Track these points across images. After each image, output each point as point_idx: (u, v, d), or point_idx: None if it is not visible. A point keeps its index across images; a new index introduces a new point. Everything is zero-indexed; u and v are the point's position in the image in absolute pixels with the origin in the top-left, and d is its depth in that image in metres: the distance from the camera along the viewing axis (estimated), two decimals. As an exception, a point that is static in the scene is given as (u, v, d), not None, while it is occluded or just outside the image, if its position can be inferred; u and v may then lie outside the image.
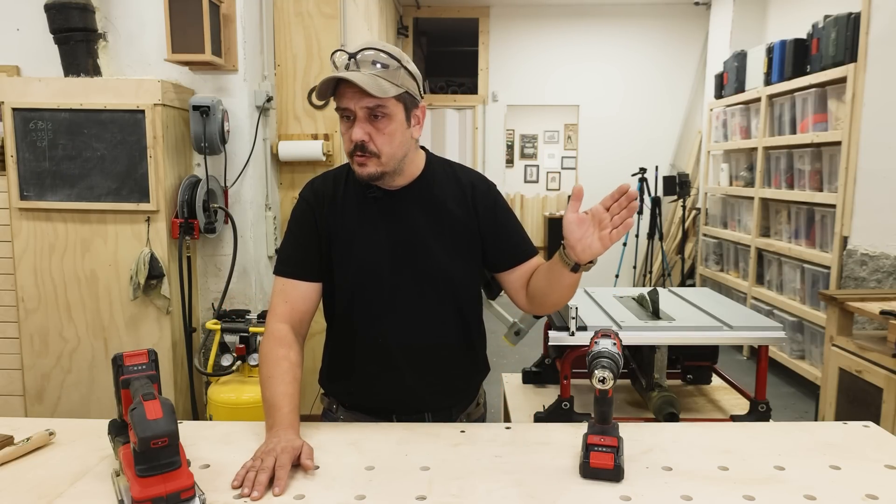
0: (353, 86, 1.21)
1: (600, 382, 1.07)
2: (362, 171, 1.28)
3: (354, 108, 1.24)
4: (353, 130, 1.25)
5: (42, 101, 2.50)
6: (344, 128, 1.28)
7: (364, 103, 1.23)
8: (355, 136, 1.25)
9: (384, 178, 1.30)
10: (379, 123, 1.25)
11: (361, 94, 1.21)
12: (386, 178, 1.30)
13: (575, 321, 1.59)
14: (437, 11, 6.42)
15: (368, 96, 1.21)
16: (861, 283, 3.24)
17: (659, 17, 6.29)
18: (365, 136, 1.24)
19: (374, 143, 1.25)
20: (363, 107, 1.23)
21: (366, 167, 1.27)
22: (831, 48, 3.59)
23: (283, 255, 1.39)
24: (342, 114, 1.27)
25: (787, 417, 3.61)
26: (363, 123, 1.24)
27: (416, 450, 1.18)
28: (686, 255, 5.91)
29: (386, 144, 1.26)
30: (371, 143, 1.25)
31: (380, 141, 1.25)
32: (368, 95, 1.21)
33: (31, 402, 2.66)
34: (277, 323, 1.33)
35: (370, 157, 1.26)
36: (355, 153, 1.26)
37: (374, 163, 1.27)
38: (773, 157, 4.31)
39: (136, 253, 2.57)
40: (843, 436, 1.27)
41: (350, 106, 1.24)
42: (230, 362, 2.60)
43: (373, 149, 1.25)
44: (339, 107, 1.26)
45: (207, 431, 1.27)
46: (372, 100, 1.22)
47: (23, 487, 1.05)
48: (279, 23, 3.14)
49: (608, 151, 6.48)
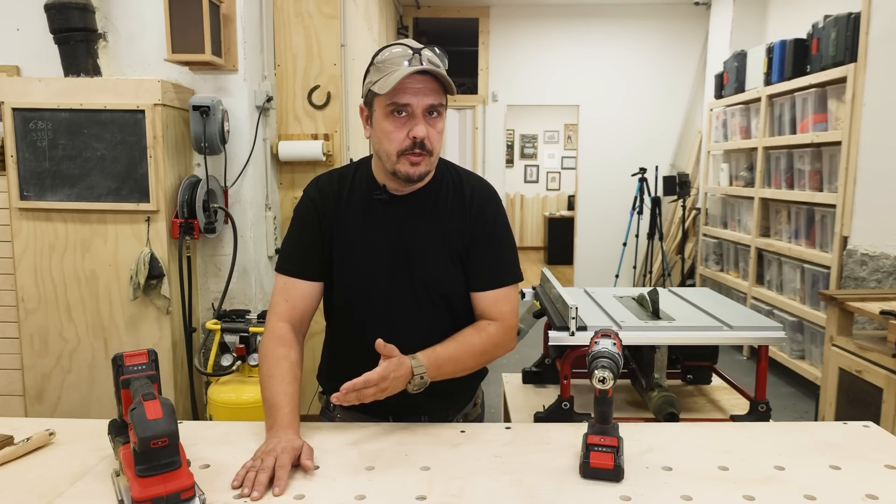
0: (422, 81, 1.20)
1: (600, 382, 1.07)
2: (415, 170, 1.26)
3: (416, 105, 1.22)
4: (419, 127, 1.22)
5: (42, 101, 2.50)
6: (394, 125, 1.24)
7: (429, 100, 1.22)
8: (420, 133, 1.22)
9: (424, 178, 1.29)
10: (433, 121, 1.25)
11: (428, 90, 1.21)
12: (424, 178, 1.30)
13: (575, 321, 1.59)
14: (437, 11, 6.42)
15: (433, 94, 1.21)
16: (861, 283, 3.24)
17: (659, 17, 6.29)
18: (427, 133, 1.23)
19: (430, 140, 1.24)
20: (428, 104, 1.22)
21: (419, 166, 1.26)
22: (831, 48, 3.59)
23: (285, 252, 1.38)
24: (397, 108, 1.22)
25: (787, 417, 3.61)
26: (423, 120, 1.23)
27: (416, 450, 1.18)
28: (686, 255, 5.91)
29: (437, 143, 1.26)
30: (428, 140, 1.24)
31: (434, 138, 1.25)
32: (433, 93, 1.21)
33: (31, 402, 2.66)
34: (278, 321, 1.33)
35: (425, 156, 1.25)
36: (412, 150, 1.24)
37: (426, 162, 1.26)
38: (773, 157, 4.31)
39: (136, 253, 2.57)
40: (843, 436, 1.27)
41: (413, 101, 1.21)
42: (230, 362, 2.60)
43: (429, 146, 1.24)
44: (397, 102, 1.22)
45: (207, 431, 1.27)
46: (436, 97, 1.21)
47: (23, 487, 1.05)
48: (279, 23, 3.14)
49: (608, 151, 6.48)
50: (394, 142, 1.24)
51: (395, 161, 1.26)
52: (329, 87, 3.17)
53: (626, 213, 6.07)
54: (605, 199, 6.50)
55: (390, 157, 1.26)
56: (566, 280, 6.83)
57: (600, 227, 6.54)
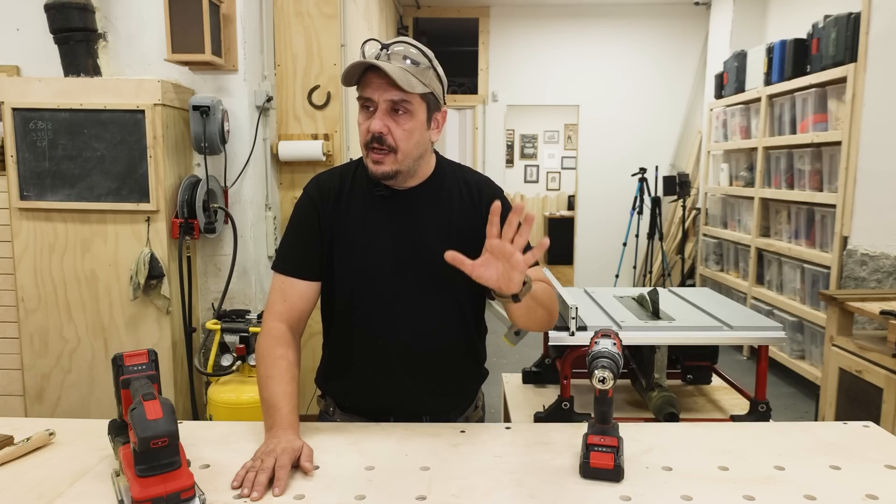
0: (380, 76, 1.19)
1: (600, 382, 1.07)
2: (377, 168, 1.25)
3: (377, 99, 1.21)
4: (373, 121, 1.22)
5: (42, 101, 2.50)
6: (362, 118, 1.25)
7: (389, 95, 1.21)
8: (374, 127, 1.22)
9: (397, 177, 1.27)
10: (400, 118, 1.23)
11: (388, 85, 1.19)
12: (399, 177, 1.28)
13: (575, 321, 1.59)
14: (437, 11, 6.42)
15: (394, 88, 1.19)
16: (861, 283, 3.24)
17: (659, 17, 6.29)
18: (384, 128, 1.22)
19: (392, 136, 1.23)
20: (387, 99, 1.21)
21: (381, 165, 1.24)
22: (831, 48, 3.59)
23: (282, 251, 1.37)
24: (363, 103, 1.24)
25: (787, 417, 3.61)
26: (384, 115, 1.22)
27: (416, 450, 1.18)
28: (686, 255, 5.91)
29: (403, 140, 1.23)
30: (389, 136, 1.22)
31: (398, 135, 1.23)
32: (394, 88, 1.19)
33: (31, 402, 2.66)
34: (275, 321, 1.32)
35: (387, 154, 1.23)
36: (372, 145, 1.23)
37: (390, 160, 1.24)
38: (773, 157, 4.31)
39: (136, 253, 2.57)
40: (843, 436, 1.27)
41: (374, 96, 1.21)
42: (230, 362, 2.60)
43: (390, 142, 1.23)
44: (362, 96, 1.23)
45: (207, 431, 1.27)
46: (397, 93, 1.20)
47: (23, 487, 1.05)
48: (279, 23, 3.14)
49: (608, 151, 6.48)
50: (361, 134, 1.26)
51: (365, 155, 1.27)
52: (329, 87, 3.17)
53: (626, 213, 6.06)
54: (605, 199, 6.50)
55: (362, 150, 1.28)
56: (566, 280, 6.83)
57: (600, 227, 6.54)
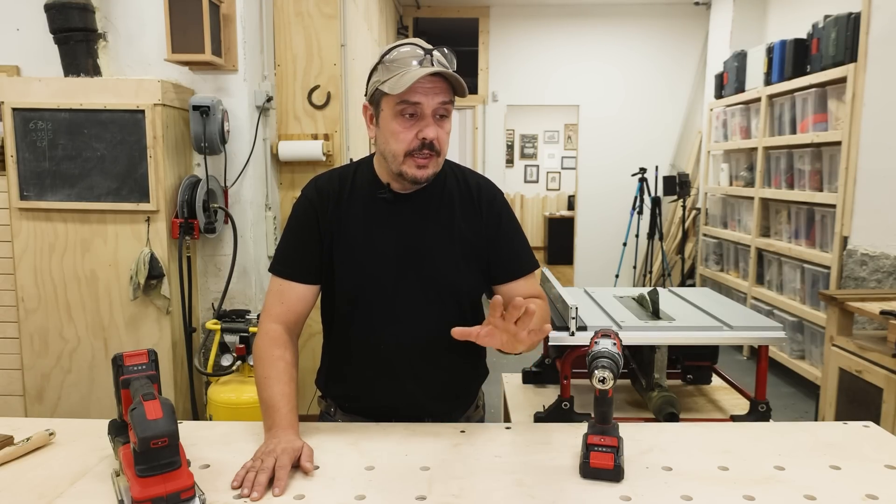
0: (433, 82, 1.19)
1: (600, 382, 1.07)
2: (422, 172, 1.25)
3: (428, 105, 1.21)
4: (430, 128, 1.21)
5: (42, 101, 2.50)
6: (402, 125, 1.22)
7: (440, 99, 1.21)
8: (431, 134, 1.21)
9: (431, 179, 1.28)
10: (442, 123, 1.24)
11: (439, 90, 1.20)
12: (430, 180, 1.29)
13: (575, 321, 1.59)
14: (437, 11, 6.42)
15: (444, 92, 1.20)
16: (861, 283, 3.24)
17: (659, 17, 6.29)
18: (436, 134, 1.23)
19: (439, 141, 1.24)
20: (438, 103, 1.21)
21: (426, 169, 1.25)
22: (831, 48, 3.59)
23: (280, 254, 1.36)
24: (404, 110, 1.21)
25: (787, 417, 3.61)
26: (433, 121, 1.22)
27: (416, 450, 1.18)
28: (686, 255, 5.91)
29: (445, 144, 1.26)
30: (437, 141, 1.23)
31: (443, 140, 1.25)
32: (445, 92, 1.20)
33: (31, 402, 2.66)
34: (272, 323, 1.31)
35: (433, 157, 1.24)
36: (420, 152, 1.23)
37: (433, 164, 1.25)
38: (773, 157, 4.31)
39: (136, 253, 2.57)
40: (843, 436, 1.27)
41: (424, 102, 1.20)
42: (230, 362, 2.60)
43: (437, 147, 1.24)
44: (409, 101, 1.20)
45: (207, 431, 1.27)
46: (448, 95, 1.21)
47: (23, 487, 1.05)
48: (279, 23, 3.14)
49: (608, 151, 6.48)
50: (402, 142, 1.23)
51: (402, 162, 1.25)
52: (329, 87, 3.17)
53: (626, 213, 6.07)
54: (605, 199, 6.50)
55: (397, 157, 1.25)
56: (566, 280, 6.83)
57: (600, 227, 6.54)
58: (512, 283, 1.38)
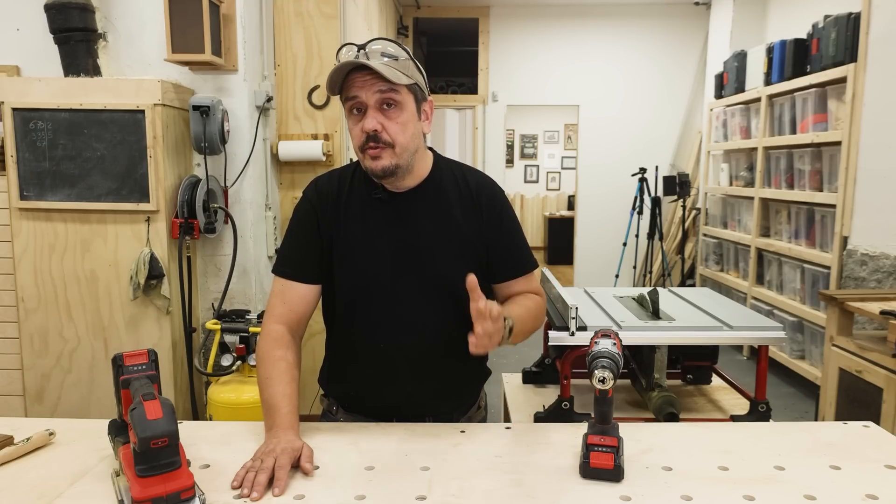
0: (365, 75, 1.19)
1: (600, 382, 1.07)
2: (376, 164, 1.23)
3: (366, 98, 1.20)
4: (366, 120, 1.21)
5: (42, 101, 2.50)
6: (353, 122, 1.24)
7: (376, 89, 1.20)
8: (368, 126, 1.21)
9: (397, 172, 1.26)
10: (391, 113, 1.22)
11: (374, 80, 1.19)
12: (399, 172, 1.26)
13: (575, 321, 1.59)
14: (437, 11, 6.41)
15: (381, 82, 1.19)
16: (861, 283, 3.24)
17: (659, 17, 6.29)
18: (378, 126, 1.21)
19: (388, 132, 1.22)
20: (376, 93, 1.20)
21: (380, 160, 1.23)
22: (831, 48, 3.59)
23: (282, 254, 1.37)
24: (352, 106, 1.23)
25: (787, 417, 3.61)
26: (375, 113, 1.21)
27: (416, 450, 1.18)
28: (686, 255, 5.91)
29: (399, 133, 1.23)
30: (384, 132, 1.22)
31: (393, 130, 1.22)
32: (381, 81, 1.19)
33: (31, 402, 2.66)
34: (274, 324, 1.32)
35: (384, 149, 1.22)
36: (368, 145, 1.22)
37: (388, 154, 1.23)
38: (773, 157, 4.31)
39: (136, 253, 2.57)
40: (843, 436, 1.27)
41: (361, 95, 1.20)
42: (230, 362, 2.60)
43: (386, 138, 1.22)
44: (349, 97, 1.22)
45: (207, 431, 1.27)
46: (385, 85, 1.19)
47: (23, 487, 1.05)
48: (279, 23, 3.14)
49: (608, 151, 6.48)
50: (355, 138, 1.25)
51: (362, 157, 1.26)
52: (329, 87, 3.17)
53: (626, 213, 6.06)
54: (605, 199, 6.50)
55: (358, 154, 1.27)
56: (566, 280, 6.83)
57: (600, 227, 6.54)
58: (511, 282, 1.38)
